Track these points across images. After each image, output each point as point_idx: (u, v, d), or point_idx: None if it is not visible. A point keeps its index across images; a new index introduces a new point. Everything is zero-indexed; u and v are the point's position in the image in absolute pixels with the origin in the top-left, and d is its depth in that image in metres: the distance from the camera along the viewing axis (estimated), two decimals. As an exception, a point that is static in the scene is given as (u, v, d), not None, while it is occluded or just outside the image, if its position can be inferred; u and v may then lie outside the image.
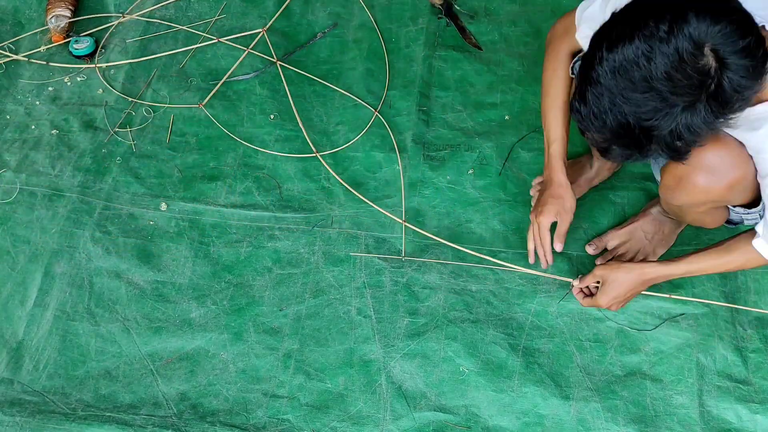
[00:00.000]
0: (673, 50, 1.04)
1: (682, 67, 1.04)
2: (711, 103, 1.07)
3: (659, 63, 1.04)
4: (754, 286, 1.67)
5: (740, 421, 1.52)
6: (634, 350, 1.61)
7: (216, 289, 1.74)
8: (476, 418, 1.56)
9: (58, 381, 1.64)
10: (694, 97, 1.06)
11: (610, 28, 1.09)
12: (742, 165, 1.28)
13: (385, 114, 1.99)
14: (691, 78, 1.05)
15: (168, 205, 1.86)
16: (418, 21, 2.16)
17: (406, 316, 1.68)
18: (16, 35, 2.21)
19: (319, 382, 1.61)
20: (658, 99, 1.07)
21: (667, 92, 1.06)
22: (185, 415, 1.58)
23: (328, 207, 1.85)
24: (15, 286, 1.76)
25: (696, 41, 1.03)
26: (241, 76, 2.09)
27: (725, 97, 1.07)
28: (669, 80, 1.05)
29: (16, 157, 1.97)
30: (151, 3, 2.25)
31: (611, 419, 1.53)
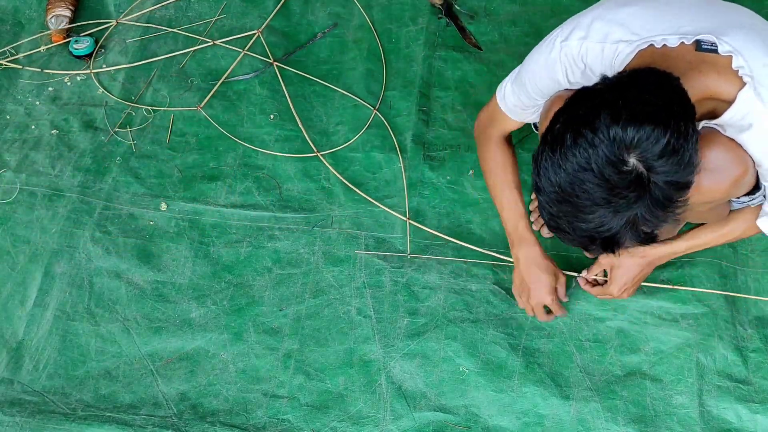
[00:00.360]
0: (599, 176, 1.05)
1: (615, 190, 1.06)
2: (656, 203, 1.09)
3: (593, 191, 1.07)
4: (755, 286, 1.67)
5: (740, 421, 1.52)
6: (634, 350, 1.61)
7: (216, 289, 1.74)
8: (476, 418, 1.56)
9: (58, 381, 1.64)
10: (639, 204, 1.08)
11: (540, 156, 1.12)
12: (742, 162, 1.29)
13: (385, 114, 1.99)
14: (627, 196, 1.07)
15: (168, 205, 1.86)
16: (418, 21, 2.16)
17: (406, 316, 1.68)
18: (16, 35, 2.21)
19: (319, 382, 1.61)
20: (608, 215, 1.09)
21: (612, 210, 1.08)
22: (185, 415, 1.58)
23: (328, 207, 1.85)
24: (15, 286, 1.76)
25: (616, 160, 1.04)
26: (241, 76, 2.09)
27: (666, 195, 1.08)
28: (609, 203, 1.07)
29: (16, 157, 1.97)
30: (150, 3, 2.25)
31: (611, 419, 1.53)
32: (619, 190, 1.06)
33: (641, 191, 1.07)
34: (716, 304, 1.64)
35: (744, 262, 1.70)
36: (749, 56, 1.18)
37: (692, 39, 1.21)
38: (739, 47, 1.19)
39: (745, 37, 1.21)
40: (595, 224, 1.10)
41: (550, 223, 1.16)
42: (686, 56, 1.20)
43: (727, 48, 1.19)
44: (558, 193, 1.10)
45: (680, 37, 1.21)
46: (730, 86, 1.19)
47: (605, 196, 1.07)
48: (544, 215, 1.16)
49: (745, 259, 1.70)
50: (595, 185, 1.06)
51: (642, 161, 1.05)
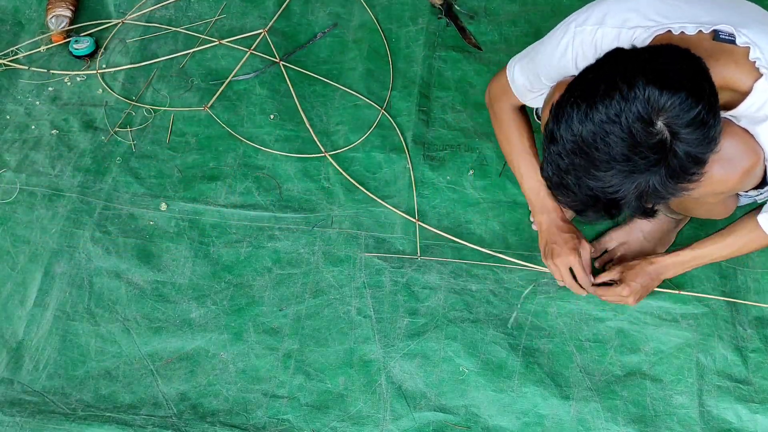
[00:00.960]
0: (626, 131, 1.05)
1: (637, 147, 1.06)
2: (671, 173, 1.09)
3: (615, 144, 1.06)
4: (754, 286, 1.67)
5: (740, 421, 1.52)
6: (634, 350, 1.61)
7: (216, 290, 1.74)
8: (476, 418, 1.56)
9: (58, 381, 1.64)
10: (655, 170, 1.08)
11: (565, 104, 1.11)
12: (755, 152, 1.29)
13: (386, 115, 1.99)
14: (648, 157, 1.06)
15: (168, 205, 1.86)
16: (418, 21, 2.16)
17: (406, 316, 1.68)
18: (16, 35, 2.21)
19: (319, 382, 1.61)
20: (621, 175, 1.08)
21: (627, 170, 1.08)
22: (185, 415, 1.58)
23: (328, 207, 1.85)
24: (15, 286, 1.76)
25: (647, 118, 1.04)
26: (242, 75, 2.09)
27: (683, 166, 1.08)
28: (628, 161, 1.07)
29: (16, 157, 1.97)
30: (151, 3, 2.25)
31: (611, 419, 1.54)
32: (642, 149, 1.06)
33: (662, 155, 1.07)
34: (716, 304, 1.65)
35: (743, 262, 1.70)
36: (766, 49, 1.18)
37: (710, 28, 1.21)
38: (756, 40, 1.19)
39: (762, 30, 1.21)
40: (604, 183, 1.09)
41: (554, 178, 1.15)
42: (704, 44, 1.20)
43: (744, 39, 1.19)
44: (577, 144, 1.08)
45: (698, 26, 1.21)
46: (747, 77, 1.20)
47: (626, 153, 1.06)
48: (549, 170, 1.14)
49: (745, 259, 1.70)
50: (619, 139, 1.05)
51: (669, 126, 1.05)
